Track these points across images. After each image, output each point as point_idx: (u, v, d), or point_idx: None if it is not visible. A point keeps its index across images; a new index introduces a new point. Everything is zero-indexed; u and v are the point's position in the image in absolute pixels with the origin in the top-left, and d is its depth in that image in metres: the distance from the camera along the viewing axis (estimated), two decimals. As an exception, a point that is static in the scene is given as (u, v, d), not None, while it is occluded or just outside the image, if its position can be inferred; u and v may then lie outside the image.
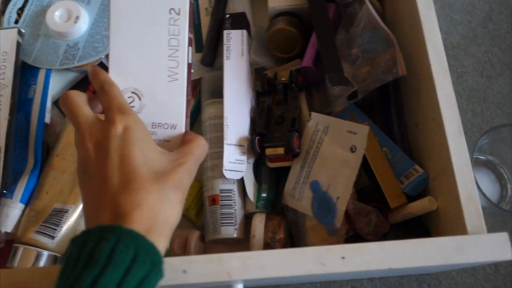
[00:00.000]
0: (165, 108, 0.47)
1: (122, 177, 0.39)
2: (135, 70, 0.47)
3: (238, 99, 0.60)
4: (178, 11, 0.46)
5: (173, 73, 0.47)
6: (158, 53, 0.47)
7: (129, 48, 0.47)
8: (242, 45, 0.62)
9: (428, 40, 0.51)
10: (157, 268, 0.37)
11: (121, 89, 0.46)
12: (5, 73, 0.61)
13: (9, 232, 0.56)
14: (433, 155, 0.53)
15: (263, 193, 0.58)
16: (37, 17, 0.66)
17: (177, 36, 0.47)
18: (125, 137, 0.40)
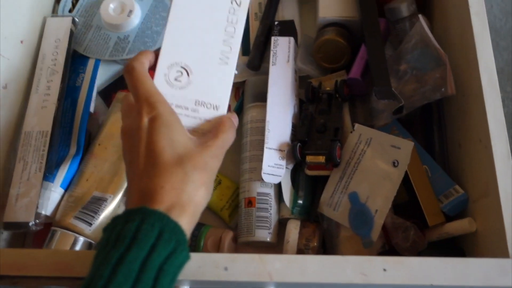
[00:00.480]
0: (211, 88, 0.48)
1: (147, 164, 0.41)
2: (189, 47, 0.48)
3: (281, 104, 0.60)
4: (239, 3, 0.50)
5: (225, 57, 0.49)
6: (213, 36, 0.49)
7: (187, 26, 0.49)
8: (288, 52, 0.63)
9: (481, 60, 0.52)
10: (182, 247, 0.38)
11: (171, 62, 0.48)
12: (56, 60, 0.62)
13: (48, 215, 0.57)
14: (475, 177, 0.53)
15: (299, 200, 0.58)
16: (91, 8, 0.67)
17: (235, 24, 0.49)
18: (151, 127, 0.42)
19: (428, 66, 0.57)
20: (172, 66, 0.48)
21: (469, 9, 0.54)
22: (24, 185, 0.56)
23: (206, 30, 0.49)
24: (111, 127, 0.62)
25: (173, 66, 0.48)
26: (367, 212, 0.53)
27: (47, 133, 0.59)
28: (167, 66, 0.48)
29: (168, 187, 0.40)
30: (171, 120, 0.44)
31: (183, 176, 0.41)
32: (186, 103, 0.48)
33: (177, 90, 0.48)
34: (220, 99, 0.49)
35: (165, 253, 0.37)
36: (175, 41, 0.48)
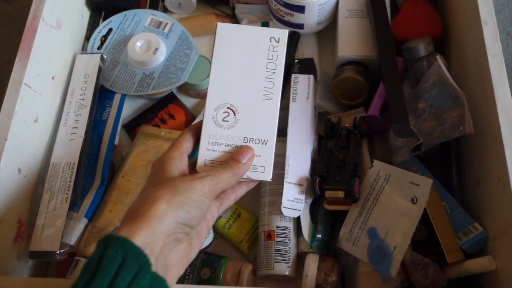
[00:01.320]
0: (258, 124, 0.50)
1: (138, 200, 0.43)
2: (233, 87, 0.51)
3: (300, 140, 0.62)
4: (278, 40, 0.52)
5: (269, 93, 0.51)
6: (256, 74, 0.51)
7: (230, 67, 0.51)
8: (308, 89, 0.64)
9: (499, 101, 0.53)
10: (145, 270, 0.37)
11: (217, 104, 0.51)
12: (85, 94, 0.65)
13: (72, 245, 0.58)
14: (494, 215, 0.53)
15: (318, 234, 0.59)
16: (119, 45, 0.70)
17: (275, 61, 0.52)
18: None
19: (446, 105, 0.58)
20: (219, 108, 0.50)
21: (486, 51, 0.55)
22: (50, 215, 0.58)
23: (248, 69, 0.51)
24: (134, 159, 0.64)
25: (220, 108, 0.50)
26: (386, 248, 0.54)
27: (74, 165, 0.60)
28: (214, 108, 0.51)
29: (131, 208, 0.42)
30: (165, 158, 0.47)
31: (145, 194, 0.42)
32: (235, 142, 0.50)
33: (225, 130, 0.50)
34: (268, 133, 0.51)
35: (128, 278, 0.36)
36: (219, 83, 0.51)
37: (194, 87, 0.69)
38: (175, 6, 0.76)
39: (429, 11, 0.69)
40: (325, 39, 0.74)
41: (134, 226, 0.39)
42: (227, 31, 0.52)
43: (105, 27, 0.72)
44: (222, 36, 0.52)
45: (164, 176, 0.44)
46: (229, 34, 0.52)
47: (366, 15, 0.68)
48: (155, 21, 0.72)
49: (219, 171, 0.46)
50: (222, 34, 0.52)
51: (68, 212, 0.59)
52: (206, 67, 0.69)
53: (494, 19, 0.57)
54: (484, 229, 0.55)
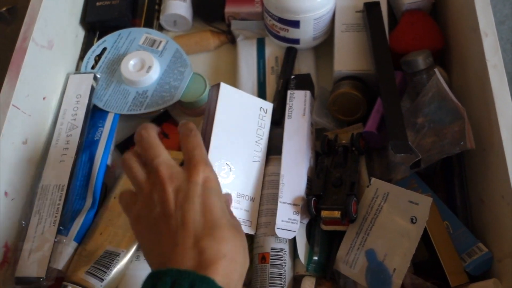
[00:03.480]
0: (247, 182, 0.57)
1: (206, 223, 0.41)
2: (230, 148, 0.57)
3: (296, 158, 0.60)
4: (266, 111, 0.61)
5: (257, 157, 0.59)
6: (249, 137, 0.59)
7: (228, 131, 0.58)
8: (304, 105, 0.63)
9: (501, 115, 0.50)
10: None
11: (218, 159, 0.56)
12: (77, 115, 0.64)
13: (60, 269, 0.57)
14: (499, 235, 0.50)
15: (314, 256, 0.56)
16: (112, 65, 0.70)
17: (263, 128, 0.60)
18: (206, 186, 0.44)
19: (446, 119, 0.56)
20: (220, 162, 0.56)
21: (486, 62, 0.53)
22: (38, 239, 0.56)
23: (243, 131, 0.59)
24: (127, 180, 0.63)
25: (220, 162, 0.56)
26: (385, 271, 0.51)
27: (63, 187, 0.59)
28: (216, 161, 0.56)
29: (229, 257, 0.40)
30: (219, 186, 0.46)
31: (239, 246, 0.42)
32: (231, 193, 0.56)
33: (223, 181, 0.55)
34: (255, 192, 0.58)
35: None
36: (220, 143, 0.57)
37: (188, 105, 0.68)
38: (171, 24, 0.75)
39: (428, 23, 0.67)
40: (322, 54, 0.72)
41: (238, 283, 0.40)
42: (229, 92, 0.59)
43: (99, 46, 0.71)
44: (224, 97, 0.58)
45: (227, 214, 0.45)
46: (229, 96, 0.59)
47: (363, 28, 0.66)
48: (149, 39, 0.71)
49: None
50: (224, 94, 0.58)
51: (57, 235, 0.57)
52: (200, 85, 0.68)
53: (494, 30, 0.55)
54: (489, 249, 0.52)
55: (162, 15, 0.74)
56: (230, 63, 0.73)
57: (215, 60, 0.74)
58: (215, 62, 0.74)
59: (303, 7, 0.64)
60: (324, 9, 0.65)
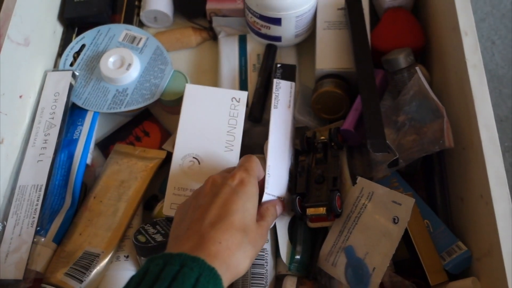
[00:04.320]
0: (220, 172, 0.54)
1: (217, 216, 0.45)
2: (199, 140, 0.58)
3: (281, 149, 0.59)
4: (238, 100, 0.61)
5: (230, 145, 0.59)
6: (219, 128, 0.59)
7: (196, 122, 0.59)
8: (290, 97, 0.62)
9: (480, 115, 0.50)
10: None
11: (184, 154, 0.57)
12: (55, 113, 0.63)
13: (39, 271, 0.56)
14: (478, 234, 0.51)
15: (296, 255, 0.56)
16: (91, 62, 0.68)
17: (236, 117, 0.60)
18: (236, 188, 0.48)
19: (427, 118, 0.56)
20: (185, 157, 0.58)
21: (466, 62, 0.53)
22: (16, 240, 0.55)
23: (212, 123, 0.59)
24: (107, 179, 0.62)
25: (186, 157, 0.58)
26: (364, 268, 0.51)
27: (41, 187, 0.58)
28: (181, 157, 0.58)
29: (224, 245, 0.43)
30: (253, 191, 0.49)
31: (240, 243, 0.44)
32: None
33: (191, 176, 0.57)
34: None
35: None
36: (186, 136, 0.58)
37: (169, 103, 0.67)
38: (151, 20, 0.74)
39: (410, 21, 0.67)
40: (304, 51, 0.72)
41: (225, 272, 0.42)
42: (194, 91, 0.60)
43: (78, 43, 0.70)
44: (189, 96, 0.60)
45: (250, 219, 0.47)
46: (195, 94, 0.60)
47: (344, 26, 0.66)
48: (129, 36, 0.70)
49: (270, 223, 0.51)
50: (189, 93, 0.60)
51: (35, 236, 0.56)
52: (181, 83, 0.67)
53: (474, 29, 0.55)
54: (468, 248, 0.52)
55: (143, 11, 0.73)
56: (211, 60, 0.73)
57: (197, 57, 0.74)
58: (196, 59, 0.73)
59: (284, 4, 0.64)
60: (306, 7, 0.65)
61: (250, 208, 0.48)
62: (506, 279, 0.44)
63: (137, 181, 0.61)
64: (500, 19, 0.77)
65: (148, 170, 0.62)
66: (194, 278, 0.39)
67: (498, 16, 0.77)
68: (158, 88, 0.66)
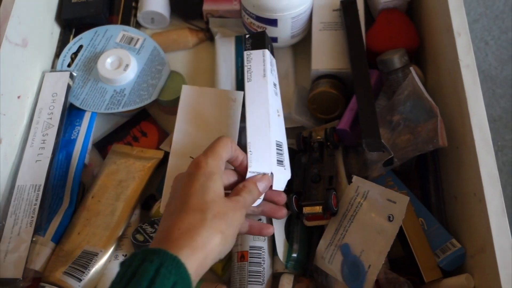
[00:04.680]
0: None
1: (177, 207, 0.45)
2: (195, 140, 0.58)
3: (261, 123, 0.55)
4: (235, 100, 0.60)
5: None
6: (215, 128, 0.59)
7: (192, 123, 0.59)
8: (264, 65, 0.59)
9: (473, 115, 0.51)
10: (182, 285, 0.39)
11: (181, 154, 0.57)
12: (53, 113, 0.63)
13: (37, 270, 0.56)
14: (472, 231, 0.52)
15: (293, 254, 0.57)
16: (89, 62, 0.69)
17: (232, 117, 0.59)
18: (191, 173, 0.47)
19: (421, 117, 0.57)
20: (182, 157, 0.57)
21: (459, 62, 0.54)
22: (14, 240, 0.56)
23: (209, 123, 0.59)
24: (105, 179, 0.63)
25: (183, 157, 0.57)
26: (360, 265, 0.52)
27: (40, 187, 0.59)
28: (178, 157, 0.57)
29: (183, 228, 0.42)
30: (211, 171, 0.47)
31: (201, 221, 0.43)
32: None
33: None
34: None
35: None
36: (183, 136, 0.58)
37: (166, 103, 0.67)
38: (148, 21, 0.75)
39: (404, 22, 0.68)
40: (300, 52, 0.72)
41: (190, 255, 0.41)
42: (191, 91, 0.60)
43: (76, 44, 0.70)
44: (185, 96, 0.60)
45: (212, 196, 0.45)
46: (192, 94, 0.60)
47: (340, 27, 0.67)
48: (126, 37, 0.71)
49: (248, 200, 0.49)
50: (186, 94, 0.60)
51: (34, 236, 0.57)
52: (178, 83, 0.68)
53: (467, 30, 0.56)
54: (462, 245, 0.53)
55: (140, 12, 0.73)
56: (208, 61, 0.73)
57: (194, 58, 0.74)
58: (193, 60, 0.74)
59: (280, 5, 0.64)
60: (301, 8, 0.66)
61: (213, 185, 0.46)
62: (499, 275, 0.44)
63: (135, 181, 0.62)
64: (493, 20, 0.78)
65: (145, 170, 0.62)
66: (153, 271, 0.38)
67: (491, 17, 0.78)
68: (155, 89, 0.67)
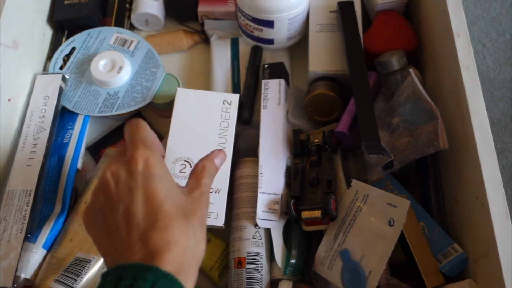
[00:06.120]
0: None
1: (149, 214, 0.39)
2: (190, 143, 0.58)
3: (274, 147, 0.59)
4: (230, 102, 0.61)
5: (222, 148, 0.57)
6: (210, 131, 0.59)
7: (187, 125, 0.58)
8: (279, 94, 0.63)
9: (474, 116, 0.50)
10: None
11: (176, 157, 0.57)
12: (44, 117, 0.62)
13: (28, 278, 0.55)
14: (474, 235, 0.51)
15: (292, 259, 0.55)
16: (82, 65, 0.67)
17: (228, 120, 0.60)
18: (146, 172, 0.41)
19: (421, 120, 0.56)
20: (176, 161, 0.57)
21: (459, 63, 0.53)
22: (4, 247, 0.54)
23: (203, 126, 0.59)
24: (98, 184, 0.61)
25: (178, 161, 0.57)
26: (360, 271, 0.51)
27: (31, 192, 0.57)
28: (172, 161, 0.57)
29: (174, 244, 0.38)
30: (164, 167, 0.42)
31: (186, 233, 0.39)
32: None
33: (182, 180, 0.55)
34: (221, 183, 0.56)
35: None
36: (177, 140, 0.58)
37: (161, 106, 0.66)
38: (142, 23, 0.74)
39: (402, 23, 0.67)
40: (297, 54, 0.71)
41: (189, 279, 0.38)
42: (186, 94, 0.60)
43: (68, 46, 0.69)
44: (180, 100, 0.60)
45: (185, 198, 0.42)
46: (186, 98, 0.60)
47: (337, 29, 0.66)
48: (120, 39, 0.69)
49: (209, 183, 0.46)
50: (180, 97, 0.60)
51: (24, 243, 0.55)
52: (173, 86, 0.67)
53: (466, 31, 0.55)
54: (464, 250, 0.52)
55: (134, 14, 0.72)
56: (204, 63, 0.72)
57: (189, 60, 0.73)
58: (188, 62, 0.73)
59: (277, 6, 0.63)
60: (298, 9, 0.65)
61: (172, 188, 0.42)
62: (503, 281, 0.43)
63: (129, 186, 0.60)
64: (490, 22, 0.77)
65: (140, 174, 0.61)
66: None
67: (488, 19, 0.78)
68: (149, 91, 0.66)
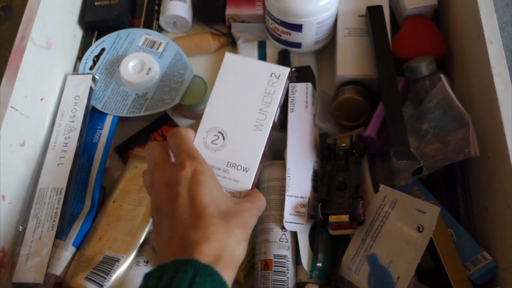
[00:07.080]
0: (243, 152, 0.52)
1: (192, 215, 0.43)
2: (228, 114, 0.54)
3: (301, 150, 0.60)
4: (278, 76, 0.55)
5: (259, 124, 0.53)
6: (251, 104, 0.54)
7: (228, 95, 0.54)
8: (306, 98, 0.63)
9: (507, 123, 0.50)
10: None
11: (210, 127, 0.53)
12: (75, 116, 0.63)
13: (58, 275, 0.55)
14: (504, 244, 0.50)
15: (318, 263, 0.56)
16: (111, 66, 0.68)
17: (272, 95, 0.54)
18: (194, 179, 0.45)
19: (451, 126, 0.56)
20: (210, 131, 0.53)
21: (491, 70, 0.53)
22: (36, 244, 0.55)
23: (245, 99, 0.54)
24: (126, 184, 0.62)
25: (212, 131, 0.53)
26: (388, 276, 0.51)
27: (62, 190, 0.58)
28: (206, 130, 0.53)
29: (214, 239, 0.41)
30: (212, 176, 0.47)
31: (227, 231, 0.43)
32: (218, 164, 0.52)
33: (212, 152, 0.52)
34: (250, 162, 0.52)
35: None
36: (216, 108, 0.54)
37: (188, 108, 0.67)
38: (170, 25, 0.74)
39: (430, 29, 0.67)
40: (324, 58, 0.72)
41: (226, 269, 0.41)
42: (234, 61, 0.55)
43: (98, 46, 0.70)
44: (227, 66, 0.55)
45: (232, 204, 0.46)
46: (234, 64, 0.55)
47: (365, 33, 0.66)
48: (149, 41, 0.70)
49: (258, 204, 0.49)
50: (227, 63, 0.55)
51: (55, 240, 0.56)
52: (201, 88, 0.67)
53: (499, 37, 0.55)
54: (493, 258, 0.52)
55: (162, 16, 0.73)
56: (230, 66, 0.72)
57: (215, 62, 0.73)
58: (215, 64, 0.73)
59: (306, 10, 0.64)
60: (327, 13, 0.65)
61: (218, 192, 0.46)
62: (535, 289, 0.43)
63: (157, 186, 0.61)
64: (518, 29, 0.77)
65: (167, 174, 0.62)
66: (188, 279, 0.38)
67: (516, 26, 0.77)
68: (178, 93, 0.66)
